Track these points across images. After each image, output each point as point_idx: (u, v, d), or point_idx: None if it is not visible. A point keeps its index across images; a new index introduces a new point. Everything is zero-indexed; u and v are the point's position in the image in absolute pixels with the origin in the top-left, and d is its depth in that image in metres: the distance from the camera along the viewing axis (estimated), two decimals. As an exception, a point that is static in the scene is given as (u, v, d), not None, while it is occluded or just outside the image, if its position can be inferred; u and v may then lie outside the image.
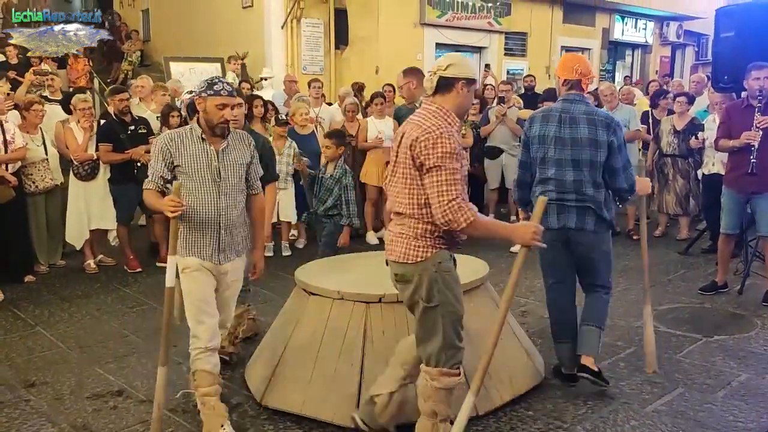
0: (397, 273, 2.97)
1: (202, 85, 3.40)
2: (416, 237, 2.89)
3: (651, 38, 18.09)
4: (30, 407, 3.79)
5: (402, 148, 2.93)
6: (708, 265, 6.57)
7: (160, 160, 3.34)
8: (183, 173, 3.35)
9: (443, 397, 3.01)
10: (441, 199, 2.76)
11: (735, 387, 3.96)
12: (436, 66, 2.97)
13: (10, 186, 5.91)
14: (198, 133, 3.37)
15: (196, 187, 3.35)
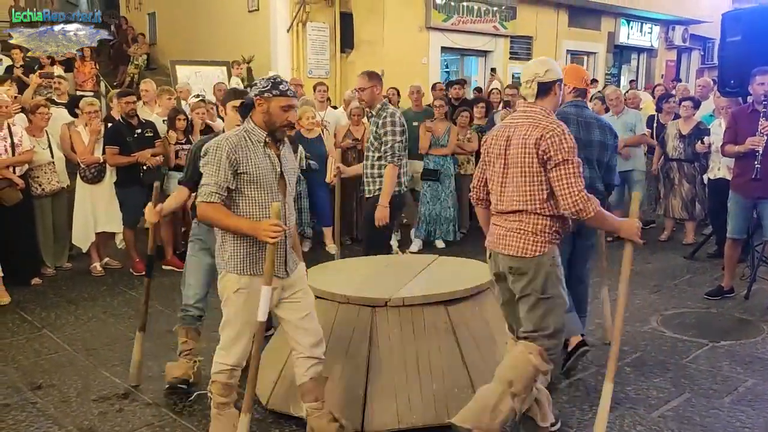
0: (513, 266, 3.12)
1: (264, 84, 3.09)
2: (535, 232, 3.07)
3: (656, 42, 18.07)
4: (36, 410, 3.81)
5: (514, 149, 3.09)
6: (714, 269, 6.55)
7: (226, 168, 2.98)
8: (250, 182, 3.03)
9: (529, 373, 3.11)
10: (572, 191, 2.96)
11: (742, 392, 3.95)
12: (533, 74, 3.16)
13: (17, 189, 5.94)
14: (261, 137, 3.08)
15: (263, 196, 3.06)
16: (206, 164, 3.04)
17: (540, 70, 3.16)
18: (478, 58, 14.65)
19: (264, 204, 3.06)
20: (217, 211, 3.01)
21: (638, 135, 7.58)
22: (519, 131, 3.10)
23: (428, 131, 7.52)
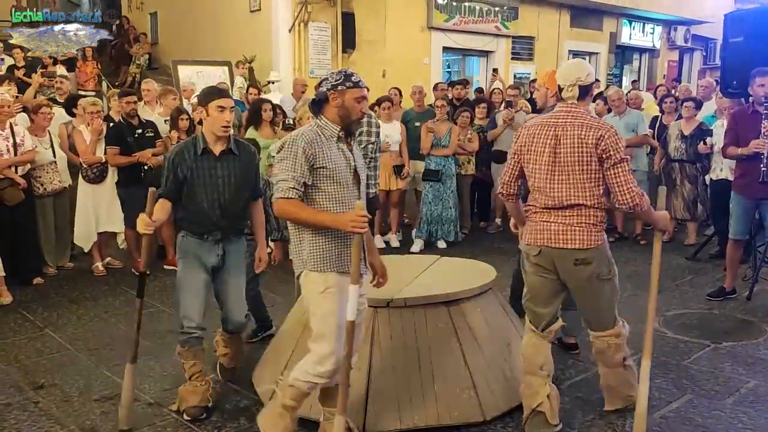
0: (579, 258, 3.30)
1: (337, 77, 3.02)
2: (595, 224, 3.29)
3: (658, 42, 18.07)
4: (38, 409, 3.81)
5: (570, 147, 3.24)
6: (716, 270, 6.54)
7: (303, 163, 2.92)
8: (327, 177, 2.98)
9: (624, 345, 3.61)
10: (630, 187, 3.20)
11: (743, 394, 3.95)
12: (575, 78, 3.31)
13: (19, 188, 5.94)
14: (334, 132, 3.02)
15: (339, 191, 3.01)
16: (282, 160, 2.97)
17: (582, 74, 3.32)
18: (479, 58, 14.66)
19: (341, 199, 3.01)
20: (297, 206, 2.94)
21: (640, 135, 7.57)
22: (571, 131, 3.24)
23: (430, 132, 7.52)
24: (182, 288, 3.68)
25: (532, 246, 3.37)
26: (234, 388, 4.03)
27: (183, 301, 3.68)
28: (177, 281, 3.71)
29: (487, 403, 3.56)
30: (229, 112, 3.58)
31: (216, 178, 3.60)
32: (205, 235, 3.64)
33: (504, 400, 3.67)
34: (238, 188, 3.66)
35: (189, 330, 3.66)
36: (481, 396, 3.58)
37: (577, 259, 3.28)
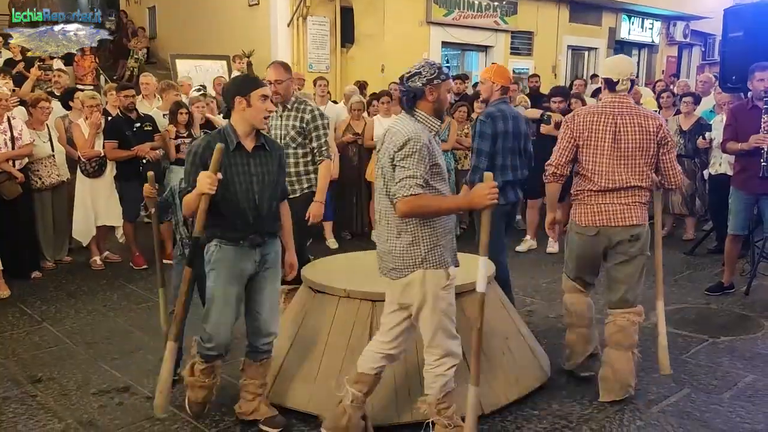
0: (634, 234, 3.68)
1: (431, 71, 2.97)
2: (646, 204, 3.73)
3: (657, 38, 18.03)
4: (36, 402, 3.81)
5: (632, 134, 3.62)
6: (714, 265, 6.55)
7: (426, 160, 2.89)
8: (437, 174, 2.97)
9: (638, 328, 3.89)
10: (678, 169, 3.80)
11: (741, 388, 3.95)
12: (629, 72, 3.70)
13: (17, 182, 5.93)
14: (435, 126, 3.03)
15: (444, 188, 3.02)
16: (407, 157, 2.87)
17: (633, 69, 3.76)
18: (478, 53, 14.61)
19: (445, 192, 3.04)
20: (428, 199, 2.90)
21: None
22: (631, 119, 3.64)
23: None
24: (215, 303, 3.29)
25: (590, 227, 3.73)
26: (232, 383, 4.02)
27: (213, 317, 3.29)
28: (209, 295, 3.30)
29: (485, 398, 3.56)
30: (271, 102, 3.38)
31: (250, 176, 3.26)
32: (241, 240, 3.27)
33: (503, 394, 3.67)
34: (272, 186, 3.36)
35: (214, 348, 3.33)
36: (480, 390, 3.57)
37: (632, 234, 3.66)
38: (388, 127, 3.08)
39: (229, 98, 3.30)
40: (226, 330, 3.32)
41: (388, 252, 3.04)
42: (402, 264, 3.00)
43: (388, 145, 2.97)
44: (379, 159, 3.05)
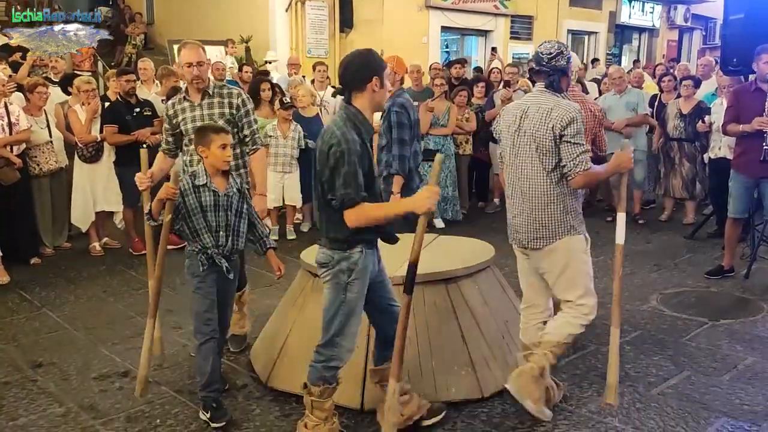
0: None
1: (567, 50, 3.30)
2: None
3: (658, 22, 17.94)
4: (37, 387, 3.81)
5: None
6: (714, 249, 6.54)
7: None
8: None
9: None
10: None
11: (741, 370, 3.96)
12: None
13: (15, 168, 5.91)
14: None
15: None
16: (578, 133, 3.14)
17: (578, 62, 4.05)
18: (478, 37, 14.55)
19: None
20: (595, 172, 3.23)
21: (640, 114, 7.53)
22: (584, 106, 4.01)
23: (429, 111, 7.47)
24: (355, 315, 2.99)
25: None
26: (232, 367, 4.04)
27: (353, 329, 3.01)
28: (347, 309, 2.95)
29: (485, 381, 3.57)
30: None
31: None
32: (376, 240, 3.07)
33: (502, 378, 3.66)
34: None
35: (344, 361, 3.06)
36: (479, 373, 3.58)
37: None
38: (529, 103, 3.29)
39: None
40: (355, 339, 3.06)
41: (531, 222, 3.28)
42: (550, 233, 3.25)
43: (545, 120, 3.16)
44: (524, 134, 3.25)
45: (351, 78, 2.87)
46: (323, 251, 2.97)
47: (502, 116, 3.46)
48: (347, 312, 2.95)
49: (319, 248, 3.01)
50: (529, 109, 3.24)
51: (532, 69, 3.39)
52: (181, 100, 4.08)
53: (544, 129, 3.16)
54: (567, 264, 3.27)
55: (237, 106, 4.04)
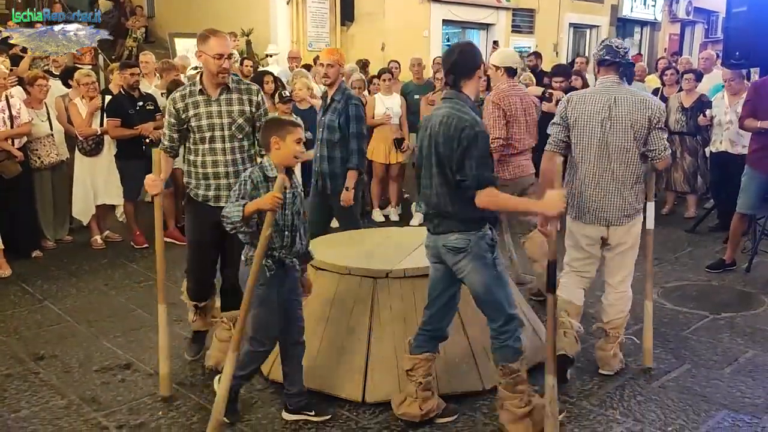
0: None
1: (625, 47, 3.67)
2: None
3: (660, 15, 17.87)
4: (39, 380, 3.82)
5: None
6: (715, 243, 6.54)
7: None
8: None
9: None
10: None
11: (742, 363, 3.97)
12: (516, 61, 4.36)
13: (16, 161, 5.91)
14: None
15: None
16: (661, 120, 3.54)
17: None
18: (479, 31, 14.50)
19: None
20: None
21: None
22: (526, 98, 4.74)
23: (430, 104, 7.45)
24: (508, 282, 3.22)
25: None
26: (234, 359, 4.04)
27: (513, 295, 3.24)
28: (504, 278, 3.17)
29: (486, 373, 3.58)
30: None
31: None
32: None
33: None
34: None
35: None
36: (480, 365, 3.59)
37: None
38: (613, 92, 3.56)
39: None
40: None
41: (620, 201, 3.60)
42: (634, 210, 3.63)
43: (642, 109, 3.49)
44: (618, 121, 3.51)
45: (462, 67, 3.07)
46: (456, 236, 3.05)
47: (576, 105, 3.64)
48: (505, 282, 3.13)
49: (443, 235, 3.09)
50: (618, 99, 3.54)
51: (605, 60, 3.63)
52: (192, 93, 3.64)
53: (640, 116, 3.49)
54: (637, 238, 3.72)
55: (257, 104, 3.74)
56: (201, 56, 3.61)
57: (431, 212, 3.17)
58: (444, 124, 2.99)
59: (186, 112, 3.64)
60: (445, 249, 3.09)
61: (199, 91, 3.65)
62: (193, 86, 3.69)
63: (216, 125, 3.63)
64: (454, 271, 3.12)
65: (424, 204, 3.22)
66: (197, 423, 3.35)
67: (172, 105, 3.67)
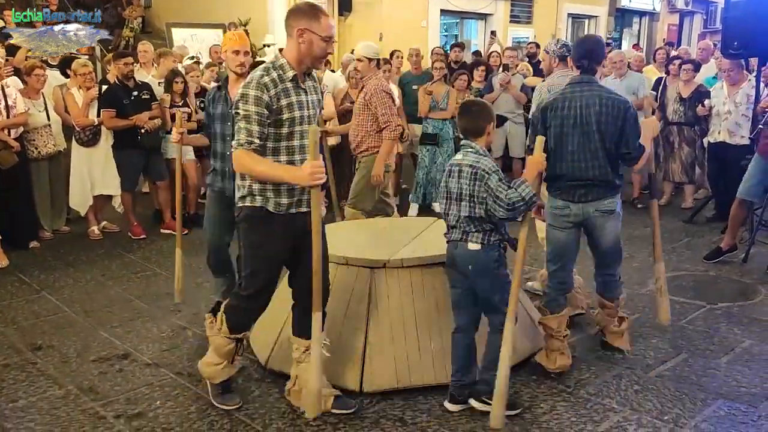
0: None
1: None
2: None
3: (659, 5, 17.83)
4: (36, 370, 3.82)
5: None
6: (713, 233, 6.55)
7: None
8: None
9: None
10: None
11: (738, 353, 3.98)
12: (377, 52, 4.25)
13: (12, 151, 5.89)
14: None
15: None
16: None
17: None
18: (477, 21, 14.47)
19: None
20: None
21: (641, 99, 7.50)
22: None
23: (428, 94, 7.44)
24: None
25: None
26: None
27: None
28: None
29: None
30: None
31: None
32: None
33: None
34: None
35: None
36: (478, 356, 3.58)
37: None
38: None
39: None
40: None
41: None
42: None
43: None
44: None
45: (597, 56, 3.64)
46: (609, 200, 3.60)
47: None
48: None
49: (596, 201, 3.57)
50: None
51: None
52: (282, 80, 3.03)
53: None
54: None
55: (321, 94, 3.38)
56: (302, 35, 2.98)
57: (576, 183, 3.56)
58: (605, 105, 3.46)
59: (278, 102, 3.01)
60: (598, 212, 3.58)
61: (292, 77, 3.05)
62: (279, 70, 3.04)
63: (305, 118, 3.10)
64: (596, 231, 3.65)
65: (573, 175, 3.54)
66: (194, 413, 3.35)
67: (260, 92, 2.95)
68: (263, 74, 3.00)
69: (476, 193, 3.11)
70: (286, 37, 3.07)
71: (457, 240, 3.20)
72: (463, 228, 3.17)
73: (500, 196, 3.04)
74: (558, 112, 3.53)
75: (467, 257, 3.17)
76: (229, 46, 4.07)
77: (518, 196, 3.02)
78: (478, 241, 3.15)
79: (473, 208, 3.13)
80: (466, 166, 3.15)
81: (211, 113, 4.17)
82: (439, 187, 3.36)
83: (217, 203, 4.14)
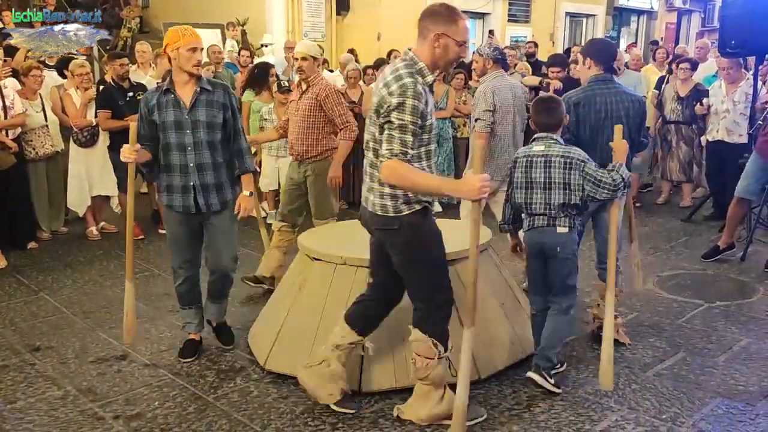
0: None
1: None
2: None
3: (657, 4, 17.83)
4: (35, 371, 3.82)
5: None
6: (710, 232, 6.56)
7: None
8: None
9: None
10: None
11: (736, 351, 3.98)
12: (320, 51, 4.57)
13: (10, 152, 5.88)
14: None
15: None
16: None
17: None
18: (475, 20, 14.45)
19: None
20: None
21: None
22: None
23: (425, 93, 7.43)
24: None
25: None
26: (229, 349, 4.05)
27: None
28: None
29: (482, 362, 3.59)
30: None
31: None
32: None
33: (499, 359, 3.70)
34: None
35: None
36: (476, 354, 3.58)
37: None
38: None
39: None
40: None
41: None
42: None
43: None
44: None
45: (615, 56, 4.18)
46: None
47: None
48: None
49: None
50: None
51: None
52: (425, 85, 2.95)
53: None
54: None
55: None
56: (438, 39, 2.90)
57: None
58: (632, 101, 3.88)
59: (426, 108, 2.89)
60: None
61: (431, 82, 2.97)
62: (419, 75, 2.91)
63: (435, 122, 3.08)
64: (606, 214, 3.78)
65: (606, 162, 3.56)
66: (193, 413, 3.35)
67: (417, 101, 2.80)
68: (414, 81, 2.84)
69: (571, 181, 3.38)
70: (418, 38, 2.99)
71: (544, 226, 3.47)
72: (552, 214, 3.44)
73: (603, 179, 3.33)
74: (591, 107, 3.85)
75: (556, 240, 3.44)
76: (185, 43, 3.59)
77: (620, 177, 3.32)
78: (566, 225, 3.44)
79: (567, 195, 3.40)
80: (557, 156, 3.42)
81: (157, 121, 3.77)
82: (511, 177, 3.59)
83: (184, 224, 3.90)
